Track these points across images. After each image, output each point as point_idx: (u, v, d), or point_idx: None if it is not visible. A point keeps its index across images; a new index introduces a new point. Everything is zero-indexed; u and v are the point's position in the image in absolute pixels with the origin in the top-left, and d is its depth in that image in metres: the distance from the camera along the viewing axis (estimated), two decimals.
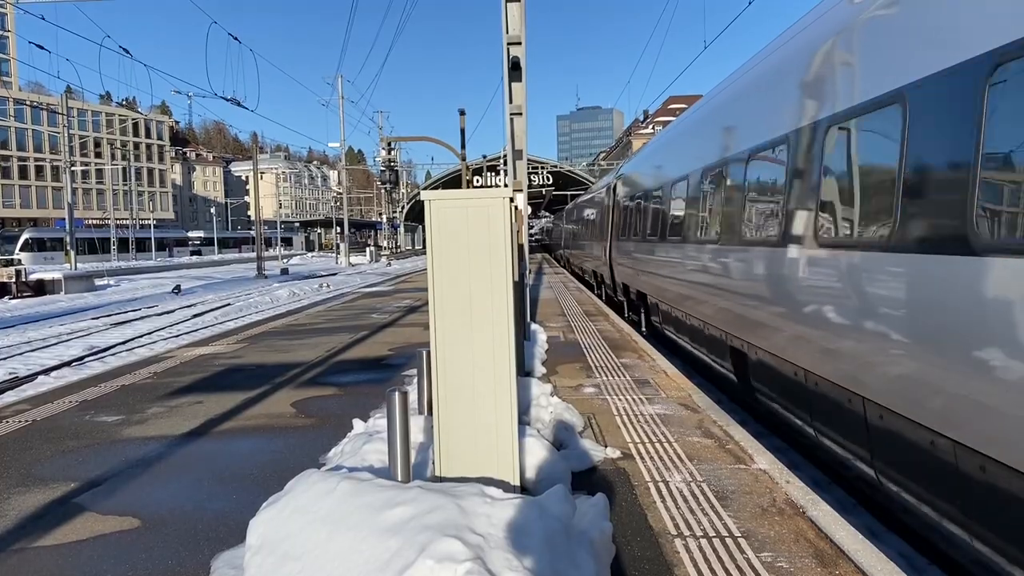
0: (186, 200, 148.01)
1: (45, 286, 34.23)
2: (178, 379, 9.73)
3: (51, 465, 6.03)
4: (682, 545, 4.12)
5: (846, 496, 6.20)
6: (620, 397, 7.94)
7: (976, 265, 3.70)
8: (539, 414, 6.45)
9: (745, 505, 4.70)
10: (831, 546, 4.06)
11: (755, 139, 7.41)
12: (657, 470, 5.45)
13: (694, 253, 9.61)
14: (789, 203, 6.26)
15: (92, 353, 15.83)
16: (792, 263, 6.07)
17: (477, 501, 3.64)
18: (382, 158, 48.75)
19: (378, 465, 4.97)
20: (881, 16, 5.01)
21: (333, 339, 13.34)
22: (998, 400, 3.48)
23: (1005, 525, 3.53)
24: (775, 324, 6.51)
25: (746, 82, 8.40)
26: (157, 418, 7.57)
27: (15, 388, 11.75)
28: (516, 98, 10.73)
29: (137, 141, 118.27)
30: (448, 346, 4.37)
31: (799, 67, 6.48)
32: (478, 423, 4.38)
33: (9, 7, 62.90)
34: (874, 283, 4.75)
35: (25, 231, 72.07)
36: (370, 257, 65.84)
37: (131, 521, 4.74)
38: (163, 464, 5.98)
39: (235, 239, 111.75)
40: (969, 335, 3.72)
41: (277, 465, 5.83)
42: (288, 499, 3.87)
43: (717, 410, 7.28)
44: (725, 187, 8.36)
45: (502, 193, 4.38)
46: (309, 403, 8.13)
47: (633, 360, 10.26)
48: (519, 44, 10.35)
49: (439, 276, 4.37)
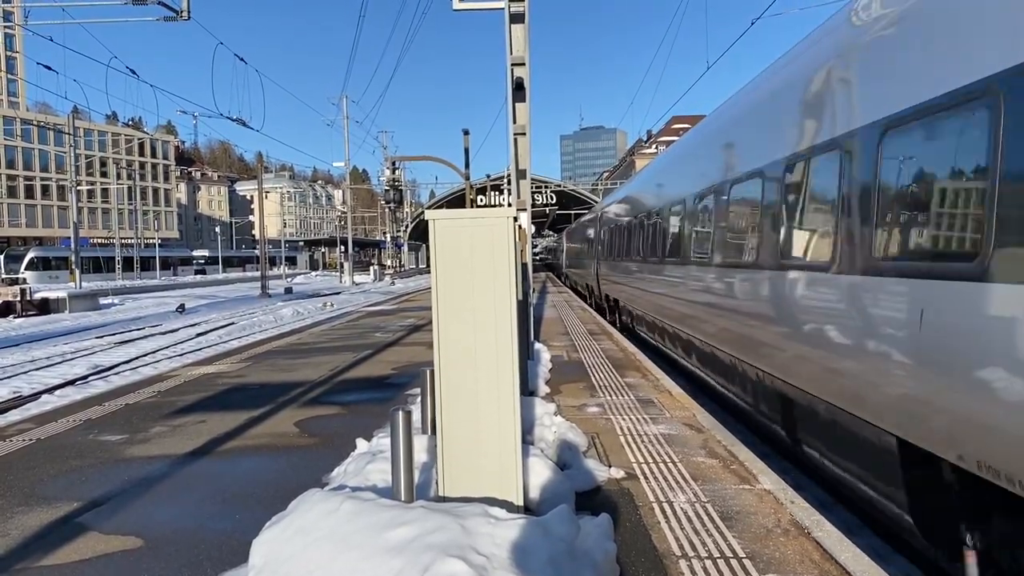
0: (191, 219, 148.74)
1: (50, 305, 34.29)
2: (182, 398, 9.73)
3: (54, 484, 6.02)
4: (687, 566, 4.09)
5: (851, 517, 6.15)
6: (624, 417, 7.92)
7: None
8: (543, 434, 6.43)
9: (750, 526, 4.68)
10: (837, 567, 4.03)
11: (692, 188, 10.42)
12: (661, 490, 5.42)
13: (646, 269, 13.83)
14: (688, 237, 10.34)
15: (96, 372, 15.83)
16: (710, 276, 8.99)
17: (481, 521, 3.63)
18: (386, 177, 48.99)
19: (381, 485, 4.96)
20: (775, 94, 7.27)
21: (336, 358, 13.34)
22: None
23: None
24: (703, 319, 9.36)
25: (671, 157, 12.72)
26: (160, 437, 7.56)
27: (19, 407, 11.74)
28: (520, 118, 10.78)
29: (143, 161, 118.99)
30: (452, 365, 4.37)
31: (708, 145, 10.11)
32: (482, 443, 4.37)
33: (18, 28, 63.67)
34: (743, 287, 7.62)
35: (30, 250, 72.26)
36: (374, 276, 65.93)
37: (134, 541, 4.73)
38: (166, 483, 5.97)
39: (239, 258, 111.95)
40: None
41: (280, 485, 5.81)
42: (291, 519, 3.86)
43: (722, 430, 7.25)
44: (663, 223, 12.44)
45: (506, 212, 4.40)
46: (312, 422, 8.12)
47: (637, 379, 10.24)
48: (523, 65, 10.42)
49: (443, 295, 4.38)
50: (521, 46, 10.38)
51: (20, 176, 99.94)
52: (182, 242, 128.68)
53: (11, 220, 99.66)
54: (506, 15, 10.25)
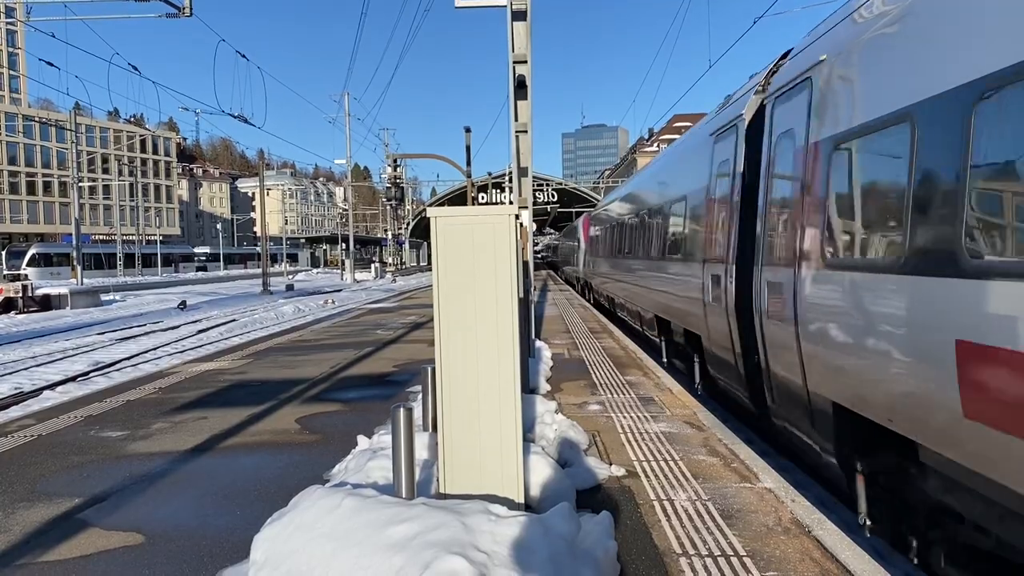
0: (192, 216, 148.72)
1: (51, 301, 34.32)
2: (183, 395, 9.74)
3: (55, 480, 6.03)
4: (687, 564, 4.09)
5: (852, 516, 6.15)
6: (625, 415, 7.92)
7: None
8: (544, 431, 6.44)
9: (750, 524, 4.68)
10: (837, 566, 4.03)
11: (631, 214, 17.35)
12: (662, 488, 5.43)
13: (609, 262, 21.07)
14: (630, 242, 16.60)
15: (97, 368, 15.86)
16: (641, 266, 14.47)
17: (481, 519, 3.63)
18: (388, 175, 48.93)
19: (382, 482, 4.97)
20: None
21: (338, 355, 13.35)
22: None
23: None
24: (635, 292, 15.36)
25: (619, 194, 22.03)
26: (162, 433, 7.57)
27: (20, 403, 11.77)
28: (521, 116, 10.77)
29: (144, 157, 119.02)
30: (453, 363, 4.37)
31: (632, 195, 17.75)
32: (483, 440, 4.37)
33: (19, 25, 63.48)
34: (648, 273, 14.10)
35: (32, 246, 72.32)
36: (375, 273, 65.93)
37: (135, 537, 4.74)
38: (167, 480, 5.97)
39: (241, 255, 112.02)
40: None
41: (281, 481, 5.82)
42: (292, 515, 3.87)
43: (723, 428, 7.25)
44: (619, 232, 18.73)
45: (507, 210, 4.40)
46: (313, 419, 8.13)
47: (638, 377, 10.25)
48: (525, 63, 10.41)
49: (444, 292, 4.38)
50: (523, 43, 10.37)
51: (22, 172, 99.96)
52: (183, 239, 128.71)
53: (13, 216, 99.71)
54: (508, 12, 10.24)
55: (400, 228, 76.88)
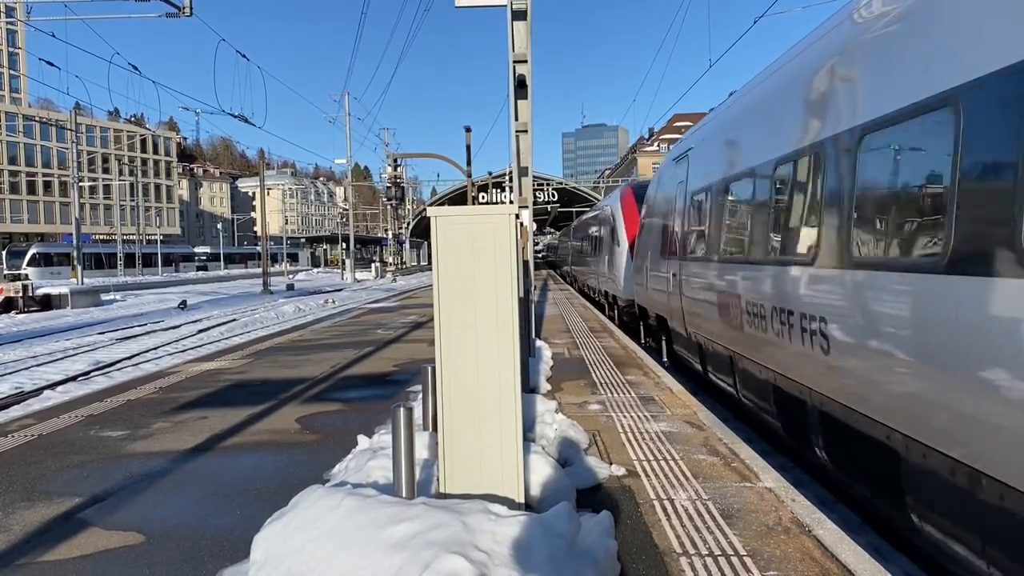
0: (193, 216, 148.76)
1: (52, 301, 34.34)
2: (183, 394, 9.74)
3: (56, 480, 6.03)
4: (687, 564, 4.09)
5: (852, 515, 6.16)
6: (625, 414, 7.92)
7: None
8: (544, 431, 6.44)
9: (751, 523, 4.68)
10: (838, 565, 4.03)
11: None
12: (662, 488, 5.42)
13: (581, 260, 30.77)
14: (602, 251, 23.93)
15: (98, 368, 15.86)
16: (602, 259, 22.53)
17: (481, 518, 3.63)
18: (388, 174, 48.98)
19: (382, 481, 4.97)
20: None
21: (338, 355, 13.35)
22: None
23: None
24: (596, 276, 24.35)
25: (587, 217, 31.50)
26: (162, 433, 7.58)
27: (21, 403, 11.77)
28: (522, 115, 10.76)
29: (145, 157, 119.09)
30: (453, 363, 4.37)
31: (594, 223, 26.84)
32: (483, 440, 4.37)
33: (20, 24, 63.56)
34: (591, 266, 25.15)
35: (32, 246, 72.38)
36: (375, 273, 65.92)
37: (135, 536, 4.74)
38: (168, 479, 5.98)
39: (241, 255, 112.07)
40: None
41: (281, 481, 5.82)
42: (292, 515, 3.87)
43: (723, 428, 7.25)
44: (588, 240, 28.11)
45: (508, 210, 4.39)
46: (314, 419, 8.13)
47: (638, 377, 10.24)
48: (525, 62, 10.39)
49: (444, 292, 4.38)
50: (523, 43, 10.36)
51: (22, 172, 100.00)
52: (184, 239, 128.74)
53: (13, 216, 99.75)
54: (508, 12, 10.23)
55: (400, 228, 76.88)
